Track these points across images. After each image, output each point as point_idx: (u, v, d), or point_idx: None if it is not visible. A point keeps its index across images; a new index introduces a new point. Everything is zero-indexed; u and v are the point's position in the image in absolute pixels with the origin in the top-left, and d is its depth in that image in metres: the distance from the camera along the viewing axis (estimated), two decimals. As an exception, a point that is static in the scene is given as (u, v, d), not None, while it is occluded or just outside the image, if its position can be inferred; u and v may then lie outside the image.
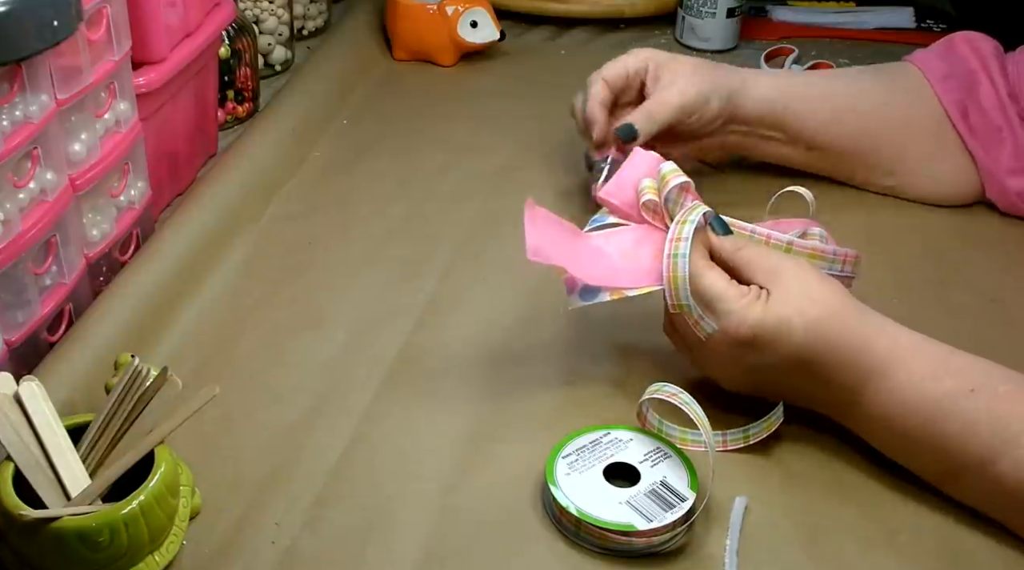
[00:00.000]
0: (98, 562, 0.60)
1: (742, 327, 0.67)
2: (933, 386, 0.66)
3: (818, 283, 0.69)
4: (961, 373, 0.67)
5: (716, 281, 0.69)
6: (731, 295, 0.68)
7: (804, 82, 0.98)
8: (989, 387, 0.66)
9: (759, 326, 0.67)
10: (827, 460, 0.72)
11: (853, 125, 0.95)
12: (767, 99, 0.93)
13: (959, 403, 0.65)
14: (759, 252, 0.71)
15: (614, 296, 0.71)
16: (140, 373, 0.63)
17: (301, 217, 0.96)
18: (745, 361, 0.69)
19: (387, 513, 0.68)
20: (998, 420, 0.64)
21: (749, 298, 0.68)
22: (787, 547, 0.66)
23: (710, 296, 0.68)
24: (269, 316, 0.84)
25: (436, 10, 1.19)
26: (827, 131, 0.95)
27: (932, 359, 0.68)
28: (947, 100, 0.94)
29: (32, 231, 0.72)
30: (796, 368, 0.68)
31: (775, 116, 0.94)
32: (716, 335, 0.69)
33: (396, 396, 0.77)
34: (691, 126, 0.91)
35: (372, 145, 1.07)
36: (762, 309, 0.67)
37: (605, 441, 0.70)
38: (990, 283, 0.88)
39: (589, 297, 0.71)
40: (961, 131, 0.93)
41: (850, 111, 0.95)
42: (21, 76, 0.70)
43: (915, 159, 0.95)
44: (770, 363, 0.68)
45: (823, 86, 0.97)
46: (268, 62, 1.18)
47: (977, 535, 0.67)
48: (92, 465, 0.63)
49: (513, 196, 0.99)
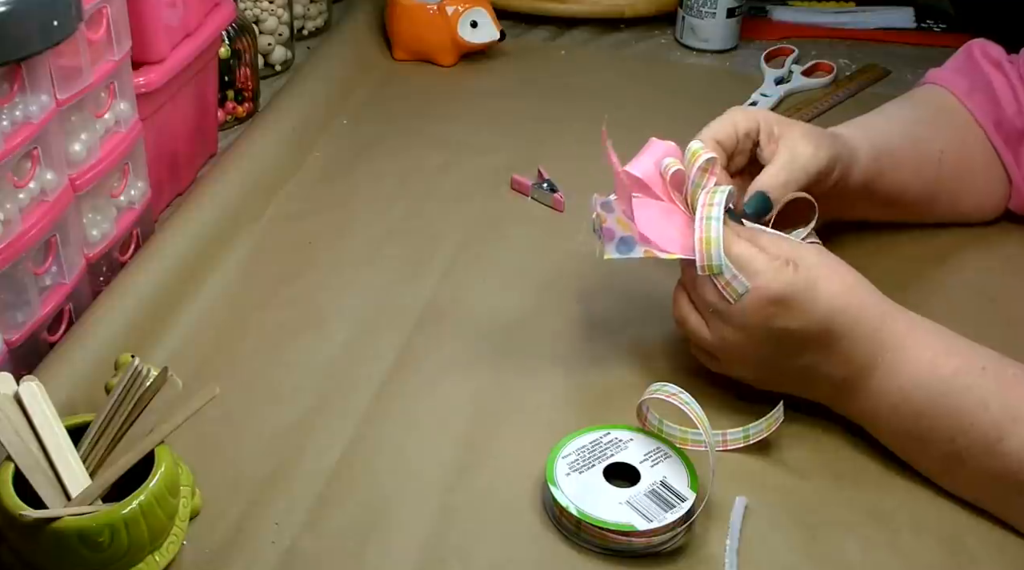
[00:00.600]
0: (98, 562, 0.60)
1: (774, 284, 0.69)
2: (946, 362, 0.68)
3: (839, 263, 0.71)
4: (971, 353, 0.69)
5: (747, 247, 0.70)
6: (763, 258, 0.70)
7: (888, 141, 0.88)
8: (999, 369, 0.68)
9: (790, 286, 0.68)
10: (827, 460, 0.72)
11: (925, 178, 0.90)
12: (869, 168, 0.84)
13: (970, 380, 0.67)
14: (779, 236, 0.73)
15: (647, 254, 0.72)
16: (140, 373, 0.63)
17: (301, 217, 0.96)
18: (768, 326, 0.69)
19: (387, 513, 0.68)
20: (1007, 398, 0.66)
21: (780, 262, 0.69)
22: (787, 547, 0.66)
23: (743, 259, 0.70)
24: (269, 316, 0.84)
25: (436, 10, 1.19)
26: (908, 189, 0.90)
27: (944, 338, 0.70)
28: (980, 116, 0.92)
29: (32, 231, 0.72)
30: (816, 337, 0.69)
31: (876, 184, 0.86)
32: (747, 295, 0.69)
33: (396, 396, 0.77)
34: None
35: (372, 145, 1.07)
36: (792, 272, 0.69)
37: (605, 441, 0.70)
38: (990, 283, 0.88)
39: (625, 250, 0.72)
40: (996, 145, 0.92)
41: (926, 164, 0.90)
42: (21, 76, 0.70)
43: (974, 195, 0.94)
44: (794, 328, 0.69)
45: (902, 142, 0.89)
46: (268, 62, 1.18)
47: (978, 535, 0.67)
48: (92, 465, 0.63)
49: (513, 196, 1.00)
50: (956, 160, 0.91)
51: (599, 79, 1.20)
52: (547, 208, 0.98)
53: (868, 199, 0.87)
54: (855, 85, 1.20)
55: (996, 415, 0.66)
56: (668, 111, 1.12)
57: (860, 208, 0.89)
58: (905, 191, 0.90)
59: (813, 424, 0.74)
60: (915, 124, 0.92)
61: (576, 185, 0.97)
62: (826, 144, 0.79)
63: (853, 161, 0.83)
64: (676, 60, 1.27)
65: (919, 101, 0.96)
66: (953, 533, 0.67)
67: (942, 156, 0.90)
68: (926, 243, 0.93)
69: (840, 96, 1.18)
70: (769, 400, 0.72)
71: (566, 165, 1.01)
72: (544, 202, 0.98)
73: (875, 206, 0.89)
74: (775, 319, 0.69)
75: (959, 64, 0.96)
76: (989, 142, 0.92)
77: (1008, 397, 0.67)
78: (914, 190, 0.90)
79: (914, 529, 0.67)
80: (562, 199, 0.96)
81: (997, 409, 0.66)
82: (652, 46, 1.29)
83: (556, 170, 1.00)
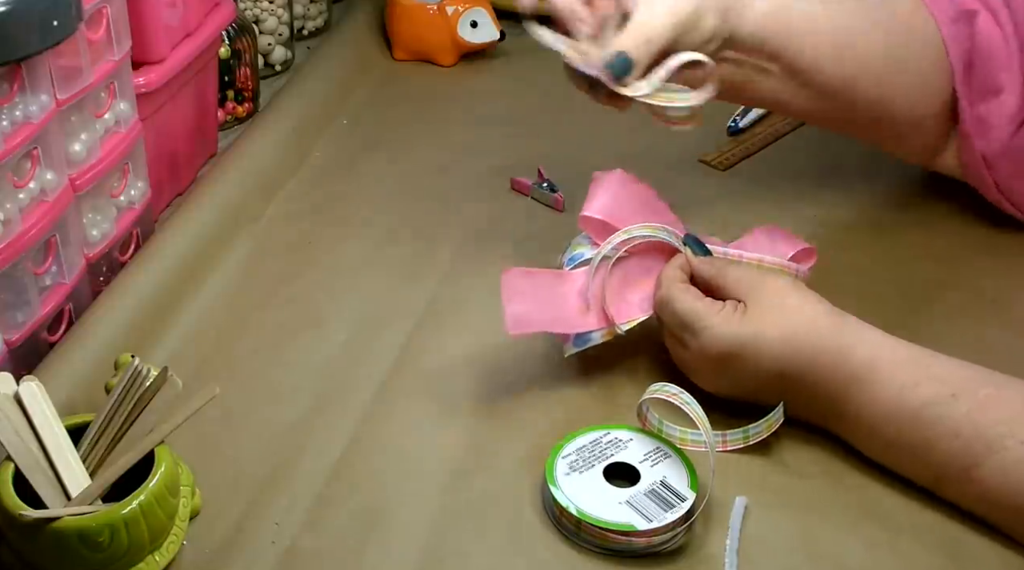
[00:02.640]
0: (98, 562, 0.60)
1: (718, 342, 0.69)
2: (913, 394, 0.67)
3: (795, 296, 0.70)
4: (941, 379, 0.67)
5: (691, 302, 0.71)
6: (706, 312, 0.70)
7: (808, 4, 0.81)
8: (970, 392, 0.66)
9: (736, 339, 0.69)
10: (827, 460, 0.72)
11: (851, 67, 0.82)
12: (767, 17, 0.78)
13: (940, 410, 0.66)
14: (735, 269, 0.73)
15: (606, 337, 0.75)
16: (140, 373, 0.63)
17: (301, 217, 0.96)
18: (728, 375, 0.71)
19: (387, 513, 0.68)
20: (979, 425, 0.65)
21: (725, 313, 0.70)
22: (787, 547, 0.66)
23: (687, 317, 0.70)
24: (269, 316, 0.84)
25: (436, 10, 1.19)
26: (822, 65, 0.81)
27: (912, 365, 0.68)
28: (953, 53, 0.84)
29: (32, 231, 0.72)
30: (775, 380, 0.69)
31: (776, 41, 0.79)
32: (696, 351, 0.70)
33: (396, 396, 0.77)
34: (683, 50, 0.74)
35: (372, 145, 1.07)
36: (738, 323, 0.69)
37: (605, 441, 0.70)
38: (990, 283, 0.88)
39: (582, 343, 0.76)
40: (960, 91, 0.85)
41: (849, 49, 0.82)
42: (21, 76, 0.70)
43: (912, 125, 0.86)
44: (751, 374, 0.70)
45: (830, 12, 0.82)
46: (268, 62, 1.18)
47: (978, 535, 0.67)
48: (92, 465, 0.63)
49: (513, 196, 1.00)
50: (893, 55, 0.82)
51: (599, 79, 1.20)
52: (547, 208, 0.98)
53: (775, 67, 0.80)
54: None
55: (969, 443, 0.65)
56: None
57: (770, 83, 0.81)
58: (819, 67, 0.80)
59: (813, 425, 0.73)
60: (856, 8, 0.83)
61: (576, 185, 0.96)
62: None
63: (741, 11, 0.76)
64: (676, 60, 1.26)
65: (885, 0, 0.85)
66: (953, 533, 0.67)
67: (870, 38, 0.82)
68: (928, 244, 0.92)
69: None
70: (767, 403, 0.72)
71: (566, 165, 1.01)
72: (544, 202, 0.98)
73: (786, 82, 0.81)
74: (729, 370, 0.70)
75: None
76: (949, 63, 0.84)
77: (979, 424, 0.65)
78: (830, 70, 0.81)
79: (914, 529, 0.67)
80: (562, 199, 0.96)
81: (969, 437, 0.65)
82: (652, 46, 1.29)
83: (556, 170, 1.00)
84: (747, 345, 0.68)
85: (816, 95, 0.83)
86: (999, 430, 0.64)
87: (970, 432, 0.65)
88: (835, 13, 0.82)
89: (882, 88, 0.84)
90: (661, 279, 0.74)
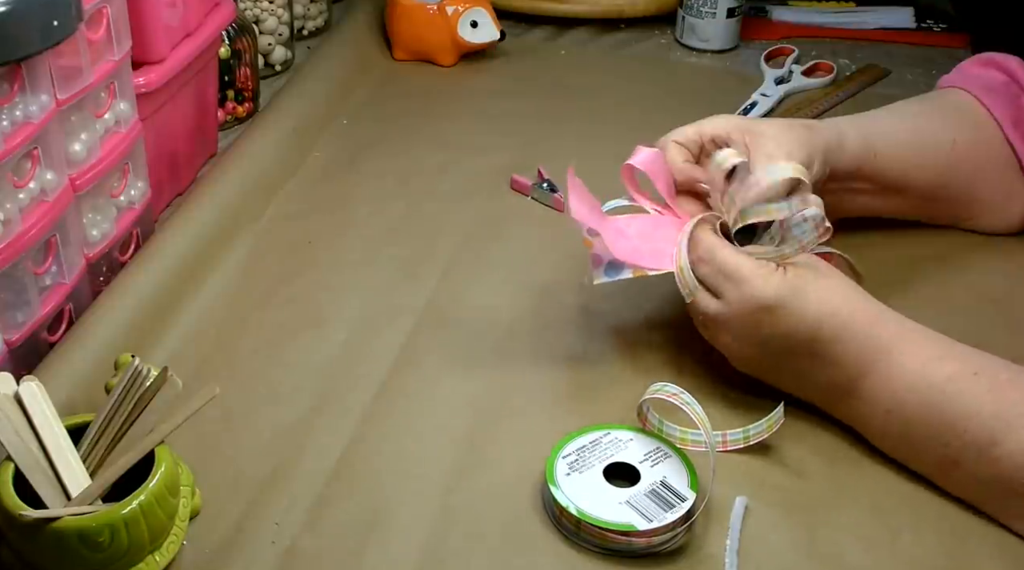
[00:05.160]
0: (98, 562, 0.60)
1: (761, 293, 0.69)
2: (938, 367, 0.68)
3: (828, 269, 0.72)
4: (964, 358, 0.69)
5: (733, 253, 0.71)
6: (752, 265, 0.70)
7: (886, 127, 0.88)
8: (991, 372, 0.68)
9: (776, 293, 0.69)
10: (827, 460, 0.72)
11: (933, 167, 0.89)
12: (859, 151, 0.84)
13: (963, 385, 0.67)
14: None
15: (636, 274, 0.74)
16: (140, 373, 0.63)
17: (301, 217, 0.96)
18: (759, 332, 0.70)
19: (387, 513, 0.68)
20: (1000, 403, 0.66)
21: (769, 268, 0.70)
22: (787, 547, 0.66)
23: (731, 267, 0.70)
24: (269, 316, 0.84)
25: (436, 10, 1.19)
26: (910, 175, 0.88)
27: (937, 343, 0.70)
28: (997, 113, 0.89)
29: (32, 231, 0.72)
30: (806, 342, 0.69)
31: (867, 167, 0.85)
32: (734, 303, 0.70)
33: (396, 396, 0.77)
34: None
35: (372, 145, 1.07)
36: (781, 278, 0.69)
37: (605, 441, 0.70)
38: (990, 283, 0.88)
39: (613, 273, 0.74)
40: (1013, 142, 0.89)
41: (931, 150, 0.88)
42: (21, 76, 0.70)
43: (987, 193, 0.91)
44: (783, 333, 0.69)
45: (903, 129, 0.89)
46: (268, 62, 1.18)
47: (978, 535, 0.67)
48: (92, 465, 0.63)
49: (513, 196, 1.00)
50: (968, 152, 0.89)
51: (599, 79, 1.20)
52: (547, 208, 0.98)
53: (867, 185, 0.86)
54: (855, 85, 1.20)
55: (989, 420, 0.66)
56: (668, 111, 1.11)
57: (862, 199, 0.88)
58: (907, 177, 0.88)
59: (813, 424, 0.74)
60: (919, 115, 0.91)
61: (576, 185, 0.97)
62: (798, 143, 0.78)
63: (839, 146, 0.82)
64: (676, 60, 1.27)
65: (928, 97, 0.94)
66: (953, 533, 0.67)
67: (953, 146, 0.88)
68: (928, 244, 0.92)
69: (840, 96, 1.18)
70: (769, 400, 0.72)
71: (566, 165, 1.00)
72: (544, 202, 0.98)
73: (877, 195, 0.88)
74: (763, 326, 0.70)
75: (972, 69, 0.93)
76: (1006, 140, 0.89)
77: (1001, 402, 0.66)
78: (919, 178, 0.88)
79: (914, 529, 0.67)
80: (562, 199, 0.96)
81: (990, 414, 0.66)
82: (652, 46, 1.29)
83: (556, 170, 1.00)
84: (788, 300, 0.69)
85: (904, 200, 0.90)
86: (1020, 409, 0.65)
87: (991, 409, 0.66)
88: (911, 123, 0.90)
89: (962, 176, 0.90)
90: (698, 235, 0.73)
